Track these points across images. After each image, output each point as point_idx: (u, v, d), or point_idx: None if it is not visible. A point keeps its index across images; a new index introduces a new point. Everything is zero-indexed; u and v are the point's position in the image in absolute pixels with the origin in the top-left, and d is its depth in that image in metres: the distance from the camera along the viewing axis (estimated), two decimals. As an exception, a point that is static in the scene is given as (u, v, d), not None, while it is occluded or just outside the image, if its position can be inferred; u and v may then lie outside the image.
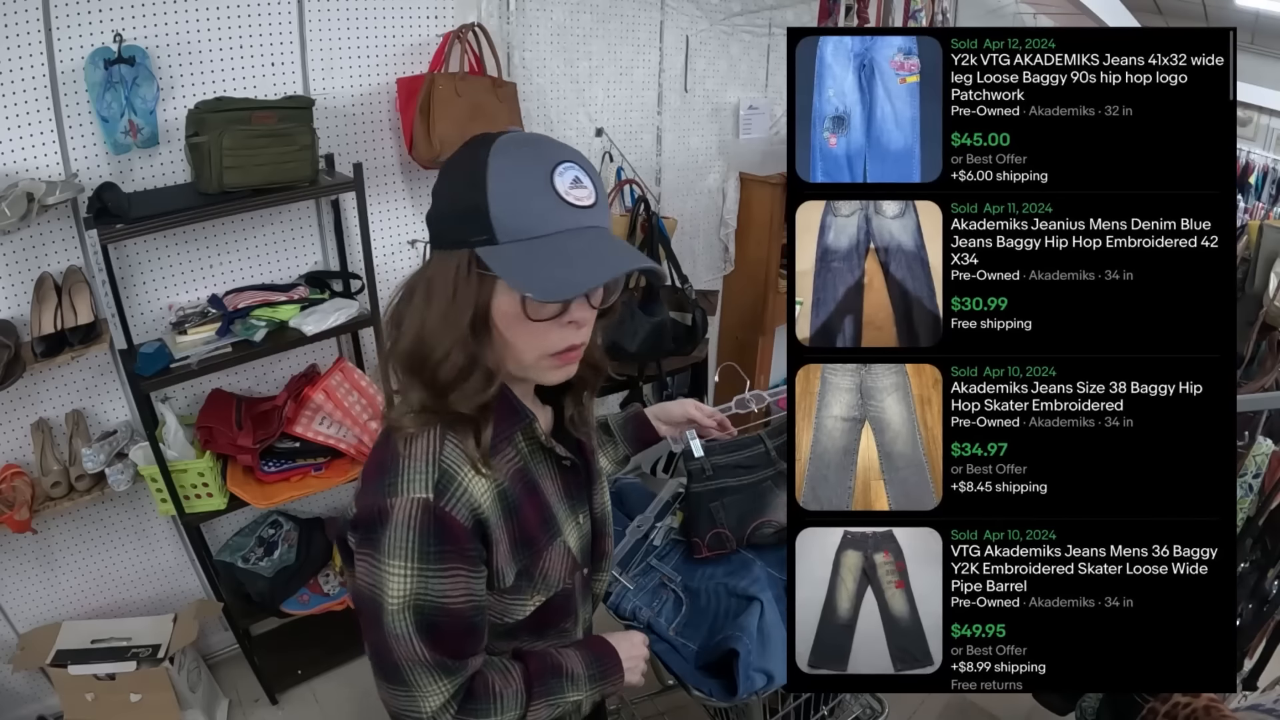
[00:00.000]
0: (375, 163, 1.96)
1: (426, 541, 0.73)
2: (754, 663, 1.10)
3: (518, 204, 0.68)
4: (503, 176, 0.69)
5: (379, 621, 0.75)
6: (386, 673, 0.77)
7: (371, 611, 0.75)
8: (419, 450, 0.75)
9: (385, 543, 0.73)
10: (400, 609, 0.73)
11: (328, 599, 2.03)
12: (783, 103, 2.98)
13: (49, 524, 1.77)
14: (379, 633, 0.75)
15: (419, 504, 0.73)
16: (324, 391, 1.87)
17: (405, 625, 0.74)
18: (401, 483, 0.73)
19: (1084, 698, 1.53)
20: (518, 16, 2.09)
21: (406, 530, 0.72)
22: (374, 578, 0.74)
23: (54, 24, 1.46)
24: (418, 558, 0.73)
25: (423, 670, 0.75)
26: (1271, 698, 1.30)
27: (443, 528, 0.73)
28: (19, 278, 1.59)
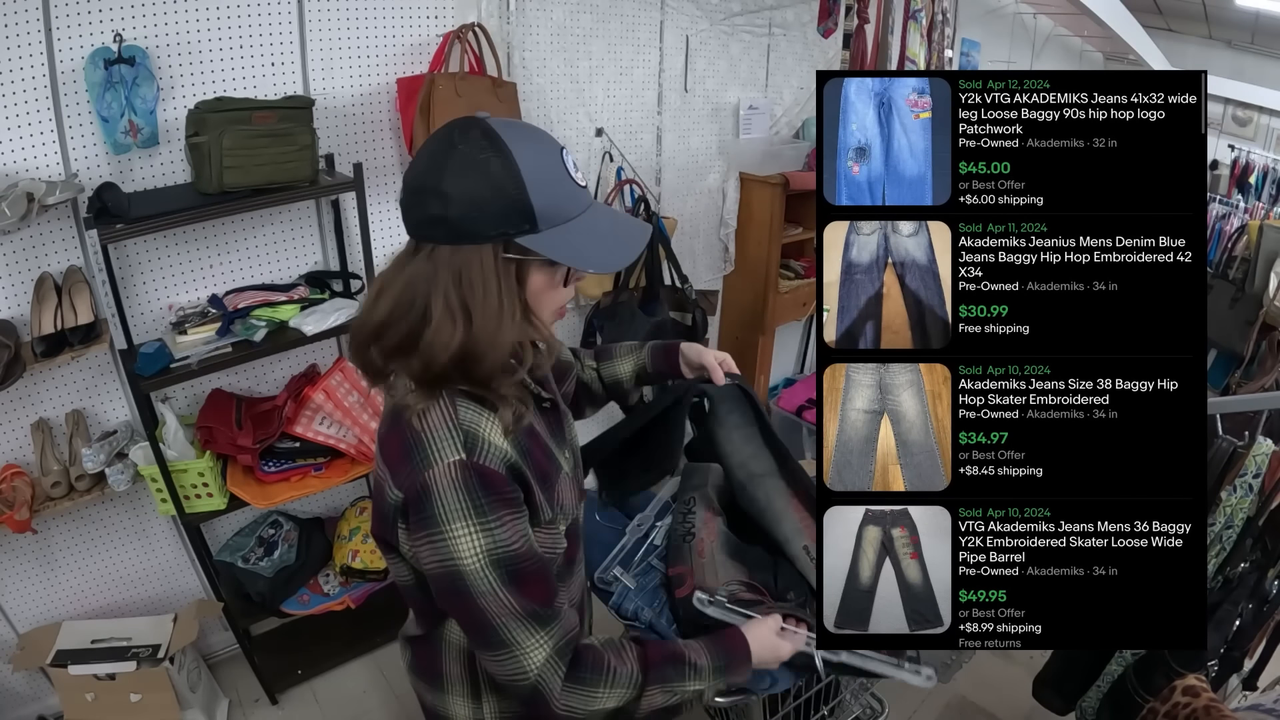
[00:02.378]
0: (375, 163, 1.96)
1: (475, 496, 0.76)
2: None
3: (553, 193, 0.76)
4: (536, 169, 0.75)
5: (464, 590, 0.77)
6: (487, 639, 0.79)
7: (453, 585, 0.78)
8: (436, 420, 0.78)
9: (439, 513, 0.76)
10: (479, 567, 0.76)
11: (328, 599, 2.03)
12: (782, 103, 2.99)
13: (49, 524, 1.77)
14: (468, 601, 0.77)
15: (456, 465, 0.76)
16: (324, 391, 1.87)
17: (489, 581, 0.77)
18: (433, 454, 0.77)
19: (1084, 697, 1.54)
20: (518, 16, 2.09)
21: (454, 492, 0.76)
22: (443, 551, 0.77)
23: (54, 24, 1.46)
24: (474, 513, 0.76)
25: (518, 624, 0.78)
26: (1271, 698, 1.30)
27: (484, 479, 0.77)
28: (19, 278, 1.59)
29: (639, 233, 0.86)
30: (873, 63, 2.20)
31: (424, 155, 0.78)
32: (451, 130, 0.77)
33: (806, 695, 1.38)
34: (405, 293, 0.77)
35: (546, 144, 0.79)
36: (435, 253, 0.76)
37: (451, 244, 0.75)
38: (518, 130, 0.77)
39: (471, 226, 0.75)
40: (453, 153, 0.74)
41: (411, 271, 0.77)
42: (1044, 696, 1.67)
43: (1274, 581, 1.36)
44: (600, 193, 2.46)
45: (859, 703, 1.65)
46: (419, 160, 0.78)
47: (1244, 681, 1.49)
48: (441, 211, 0.74)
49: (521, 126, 0.79)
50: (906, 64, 2.33)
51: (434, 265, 0.76)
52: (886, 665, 0.92)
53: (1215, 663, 1.37)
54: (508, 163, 0.74)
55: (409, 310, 0.77)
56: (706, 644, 0.91)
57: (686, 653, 0.89)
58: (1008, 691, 2.11)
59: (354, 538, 2.06)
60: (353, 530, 2.07)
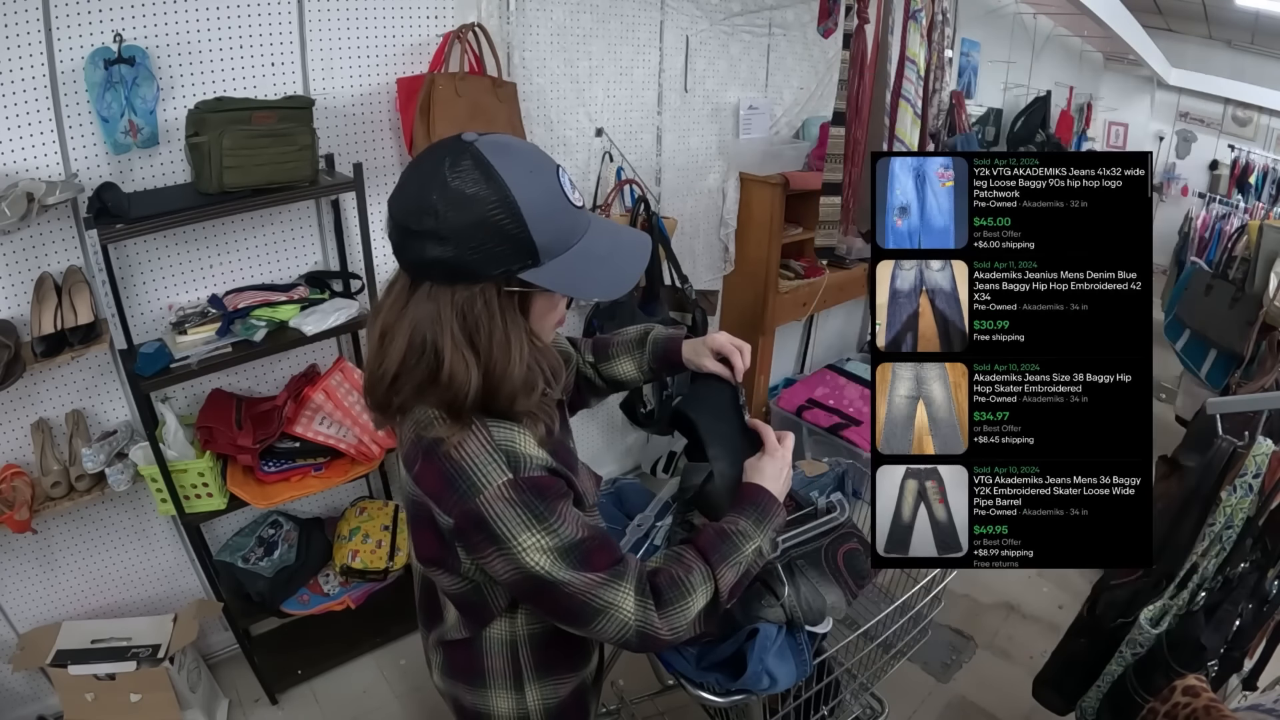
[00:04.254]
0: (375, 163, 1.96)
1: (533, 506, 0.78)
2: (764, 660, 1.10)
3: (553, 225, 0.75)
4: (534, 202, 0.73)
5: (547, 588, 0.80)
6: (582, 616, 0.82)
7: (537, 585, 0.80)
8: (475, 448, 0.79)
9: (502, 531, 0.78)
10: (555, 564, 0.79)
11: (328, 599, 2.03)
12: (782, 103, 2.99)
13: (49, 524, 1.77)
14: (555, 593, 0.80)
15: (508, 485, 0.78)
16: (324, 391, 1.87)
17: (568, 570, 0.79)
18: (480, 480, 0.78)
19: (1084, 698, 1.54)
20: (518, 16, 2.09)
21: (511, 509, 0.77)
22: (518, 561, 0.79)
23: (54, 24, 1.46)
24: (537, 521, 0.78)
25: (602, 589, 0.81)
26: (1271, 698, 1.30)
27: (537, 487, 0.79)
28: (19, 278, 1.59)
29: (640, 250, 0.86)
30: (872, 63, 2.20)
31: (413, 188, 0.74)
32: (441, 160, 0.73)
33: (806, 695, 1.38)
34: (413, 337, 0.77)
35: (542, 167, 0.76)
36: (435, 291, 0.75)
37: (450, 285, 0.75)
38: (511, 155, 0.74)
39: (471, 267, 0.73)
40: (446, 190, 0.71)
41: (414, 314, 0.76)
42: (1044, 696, 1.67)
43: (1274, 581, 1.36)
44: (600, 192, 2.46)
45: (859, 703, 1.65)
46: (407, 194, 0.75)
47: (1244, 681, 1.49)
48: (439, 254, 0.72)
49: (514, 149, 0.76)
50: (906, 64, 2.32)
51: (436, 305, 0.75)
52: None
53: (1215, 663, 1.37)
54: (505, 197, 0.71)
55: (421, 355, 0.77)
56: (734, 509, 0.97)
57: (726, 526, 0.94)
58: (1008, 691, 2.11)
59: (354, 538, 2.06)
60: (353, 530, 2.07)
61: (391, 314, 0.79)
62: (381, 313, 0.81)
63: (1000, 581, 2.58)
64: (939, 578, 1.38)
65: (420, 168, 0.75)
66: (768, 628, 1.13)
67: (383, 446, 1.94)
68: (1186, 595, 1.38)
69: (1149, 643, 1.40)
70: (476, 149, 0.73)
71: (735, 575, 0.90)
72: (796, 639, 1.16)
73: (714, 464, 1.07)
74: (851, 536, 1.30)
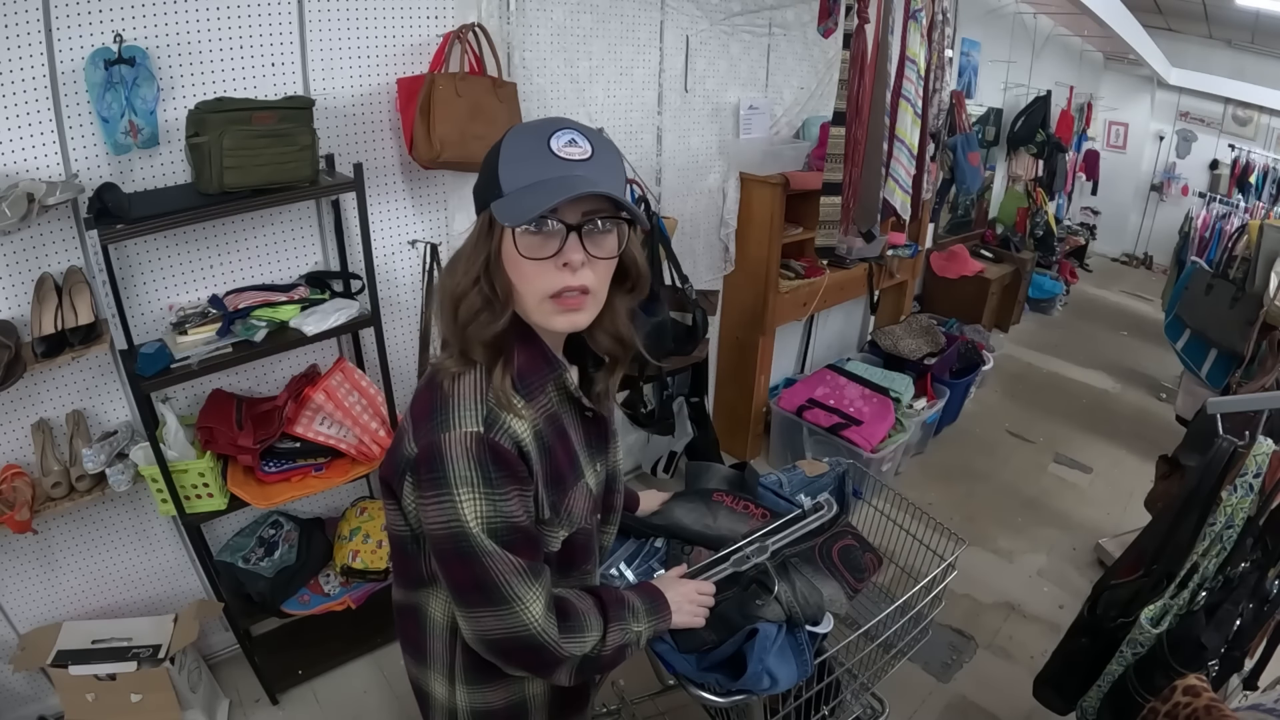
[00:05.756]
0: (375, 163, 1.96)
1: (486, 468, 0.81)
2: (765, 660, 1.10)
3: (518, 164, 0.80)
4: (510, 145, 0.81)
5: (468, 550, 0.82)
6: (489, 595, 0.83)
7: (457, 545, 0.82)
8: (466, 388, 0.84)
9: (450, 476, 0.81)
10: (481, 530, 0.81)
11: (328, 599, 2.04)
12: (782, 103, 2.99)
13: (49, 524, 1.78)
14: (471, 561, 0.82)
15: (472, 436, 0.81)
16: (324, 391, 1.87)
17: (493, 541, 0.82)
18: (454, 418, 0.82)
19: (1084, 697, 1.54)
20: (518, 16, 2.09)
21: (466, 460, 0.81)
22: (450, 513, 0.81)
23: (54, 24, 1.46)
24: (482, 482, 0.81)
25: (517, 579, 0.83)
26: (1271, 698, 1.30)
27: (497, 455, 0.81)
28: (19, 278, 1.59)
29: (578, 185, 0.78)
30: (873, 63, 2.20)
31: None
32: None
33: (807, 695, 1.38)
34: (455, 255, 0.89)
35: (542, 126, 0.82)
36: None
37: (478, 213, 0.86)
38: (535, 120, 0.84)
39: (475, 196, 0.86)
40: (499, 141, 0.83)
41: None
42: (1044, 696, 1.67)
43: (1274, 581, 1.36)
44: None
45: (859, 703, 1.65)
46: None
47: (1244, 681, 1.49)
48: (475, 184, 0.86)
49: (546, 118, 0.84)
50: (907, 64, 2.32)
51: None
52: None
53: (1216, 663, 1.37)
54: (499, 145, 0.82)
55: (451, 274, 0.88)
56: (633, 590, 1.05)
57: (625, 596, 1.01)
58: (1008, 691, 2.11)
59: (354, 538, 2.06)
60: (353, 530, 2.07)
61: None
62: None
63: (1000, 581, 2.59)
64: (939, 577, 1.38)
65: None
66: (768, 628, 1.13)
67: (383, 446, 1.94)
68: (1187, 595, 1.38)
69: (1149, 642, 1.40)
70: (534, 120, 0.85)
71: (617, 641, 0.95)
72: (797, 639, 1.16)
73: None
74: (846, 534, 1.31)
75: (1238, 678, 1.47)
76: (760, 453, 3.35)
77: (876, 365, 3.51)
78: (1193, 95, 6.48)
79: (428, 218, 2.13)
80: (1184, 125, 6.74)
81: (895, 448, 3.00)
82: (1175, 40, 6.10)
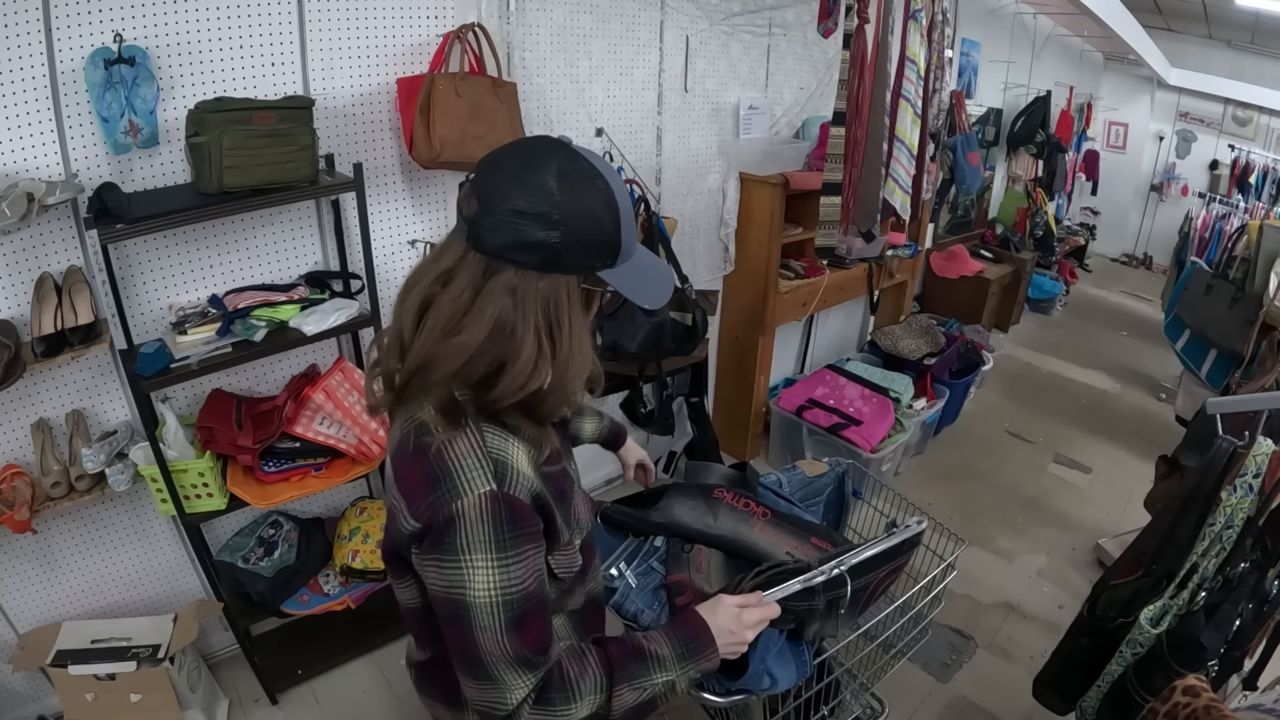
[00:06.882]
0: (375, 163, 1.96)
1: (501, 530, 0.75)
2: (765, 660, 1.10)
3: (630, 232, 0.79)
4: (624, 207, 0.78)
5: (464, 620, 0.77)
6: (473, 669, 0.79)
7: (455, 612, 0.77)
8: (464, 449, 0.77)
9: (460, 542, 0.75)
10: (489, 604, 0.76)
11: (328, 599, 2.03)
12: (782, 103, 2.99)
13: (49, 524, 1.78)
14: (464, 631, 0.77)
15: (488, 496, 0.75)
16: (324, 391, 1.87)
17: (494, 619, 0.76)
18: (462, 484, 0.76)
19: (1084, 697, 1.54)
20: (518, 16, 2.09)
21: (482, 525, 0.75)
22: (451, 579, 0.76)
23: (54, 24, 1.46)
24: (495, 548, 0.75)
25: (507, 666, 0.78)
26: (1271, 698, 1.30)
27: (514, 512, 0.77)
28: (19, 278, 1.59)
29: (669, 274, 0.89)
30: (872, 63, 2.20)
31: (518, 170, 0.74)
32: (548, 150, 0.75)
33: (807, 695, 1.38)
34: (499, 320, 0.74)
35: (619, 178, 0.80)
36: (523, 277, 0.74)
37: (540, 272, 0.74)
38: (600, 161, 0.78)
39: (569, 257, 0.74)
40: (565, 178, 0.73)
41: (497, 299, 0.74)
42: (1044, 696, 1.67)
43: (1274, 581, 1.36)
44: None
45: (859, 703, 1.65)
46: (512, 175, 0.74)
47: (1244, 681, 1.49)
48: (545, 238, 0.72)
49: (598, 158, 0.78)
50: (906, 64, 2.32)
51: (523, 292, 0.74)
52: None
53: (1215, 663, 1.37)
54: (609, 195, 0.76)
55: (499, 342, 0.74)
56: (666, 632, 0.92)
57: (647, 645, 0.89)
58: (1008, 691, 2.11)
59: (354, 538, 2.06)
60: (353, 530, 2.07)
61: (465, 297, 0.74)
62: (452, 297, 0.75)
63: (1000, 581, 2.59)
64: (939, 578, 1.38)
65: (522, 154, 0.75)
66: (769, 629, 1.13)
67: (383, 447, 1.94)
68: (1187, 595, 1.38)
69: (1149, 643, 1.40)
70: (574, 148, 0.77)
71: (635, 699, 0.86)
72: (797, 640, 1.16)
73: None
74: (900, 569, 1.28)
75: (1237, 678, 1.47)
76: (760, 453, 3.35)
77: (876, 365, 3.51)
78: (1192, 95, 6.48)
79: (427, 217, 2.13)
80: (1184, 125, 6.74)
81: (895, 448, 3.00)
82: (1175, 40, 6.11)
